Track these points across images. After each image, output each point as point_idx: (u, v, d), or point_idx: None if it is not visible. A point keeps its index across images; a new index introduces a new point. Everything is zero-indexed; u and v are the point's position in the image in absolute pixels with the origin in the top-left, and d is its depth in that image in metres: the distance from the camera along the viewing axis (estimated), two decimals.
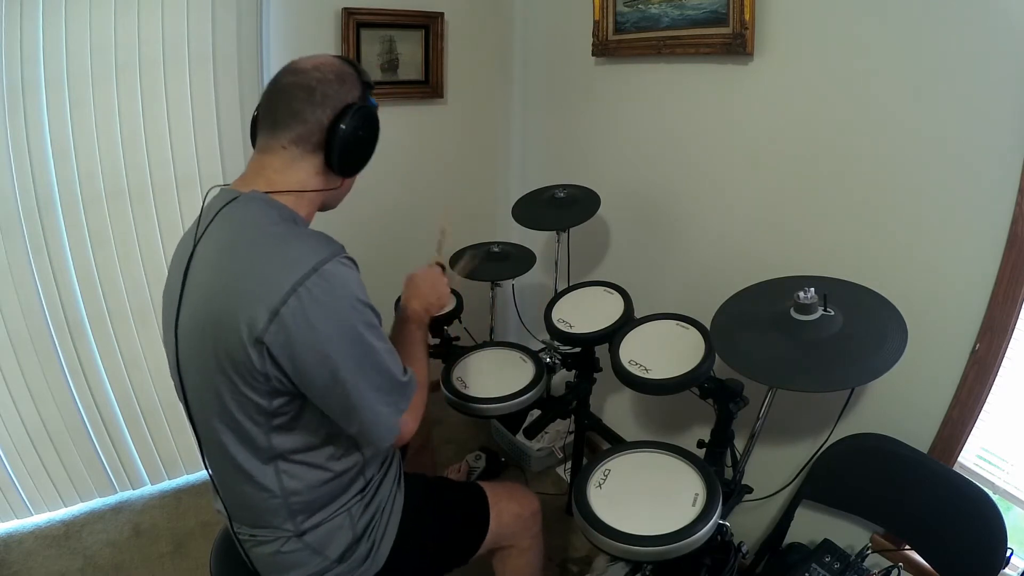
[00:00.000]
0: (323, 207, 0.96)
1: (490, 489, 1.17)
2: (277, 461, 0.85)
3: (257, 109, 0.88)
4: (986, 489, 1.08)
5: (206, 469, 0.93)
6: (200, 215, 0.86)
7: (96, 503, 1.93)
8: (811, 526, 1.37)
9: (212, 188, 0.89)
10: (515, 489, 1.23)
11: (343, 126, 0.83)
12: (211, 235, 0.83)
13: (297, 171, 0.86)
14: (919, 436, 1.20)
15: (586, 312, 1.48)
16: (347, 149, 0.85)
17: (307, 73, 0.84)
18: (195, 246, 0.83)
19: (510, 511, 1.16)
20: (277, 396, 0.80)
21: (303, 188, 0.86)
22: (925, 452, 1.19)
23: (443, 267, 1.19)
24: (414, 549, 1.03)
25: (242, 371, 0.77)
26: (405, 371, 0.89)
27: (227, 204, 0.83)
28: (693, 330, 1.30)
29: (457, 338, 1.84)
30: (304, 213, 0.88)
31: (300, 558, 0.91)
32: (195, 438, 0.90)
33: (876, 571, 1.19)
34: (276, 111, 0.85)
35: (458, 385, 1.39)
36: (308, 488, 0.88)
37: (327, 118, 0.84)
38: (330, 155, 0.85)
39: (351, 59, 0.92)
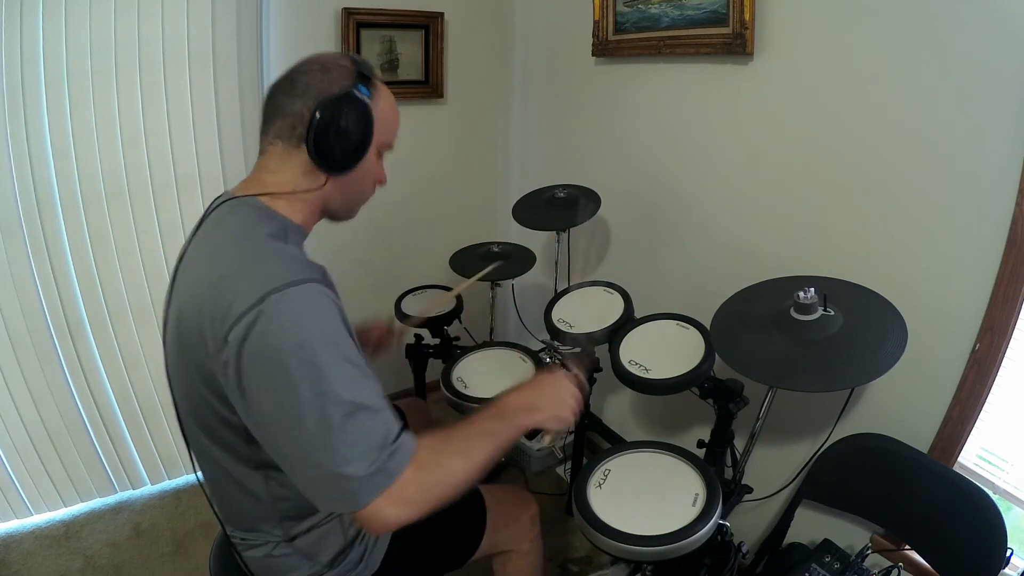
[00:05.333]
0: (331, 215, 0.91)
1: (488, 493, 1.15)
2: (265, 468, 0.83)
3: None
4: (986, 489, 1.08)
5: (195, 473, 0.91)
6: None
7: (96, 503, 1.93)
8: (811, 526, 1.37)
9: (222, 194, 0.87)
10: (513, 492, 1.22)
11: (319, 115, 0.78)
12: (197, 241, 0.82)
13: (287, 170, 0.83)
14: (919, 436, 1.20)
15: (586, 312, 1.48)
16: (327, 141, 0.80)
17: (294, 68, 0.82)
18: (186, 250, 0.83)
19: (508, 515, 1.15)
20: None
21: (294, 188, 0.82)
22: (925, 452, 1.19)
23: (580, 377, 0.94)
24: (408, 554, 1.02)
25: (212, 386, 0.74)
26: (396, 437, 0.71)
27: (217, 207, 0.83)
28: (693, 330, 1.30)
29: (457, 338, 1.84)
30: (300, 219, 0.85)
31: (291, 563, 0.90)
32: (185, 442, 0.88)
33: (876, 571, 1.19)
34: (265, 109, 0.84)
35: (458, 385, 1.39)
36: (297, 494, 0.83)
37: (307, 110, 0.79)
38: (310, 148, 0.80)
39: (355, 55, 0.86)
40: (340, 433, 0.67)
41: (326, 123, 0.78)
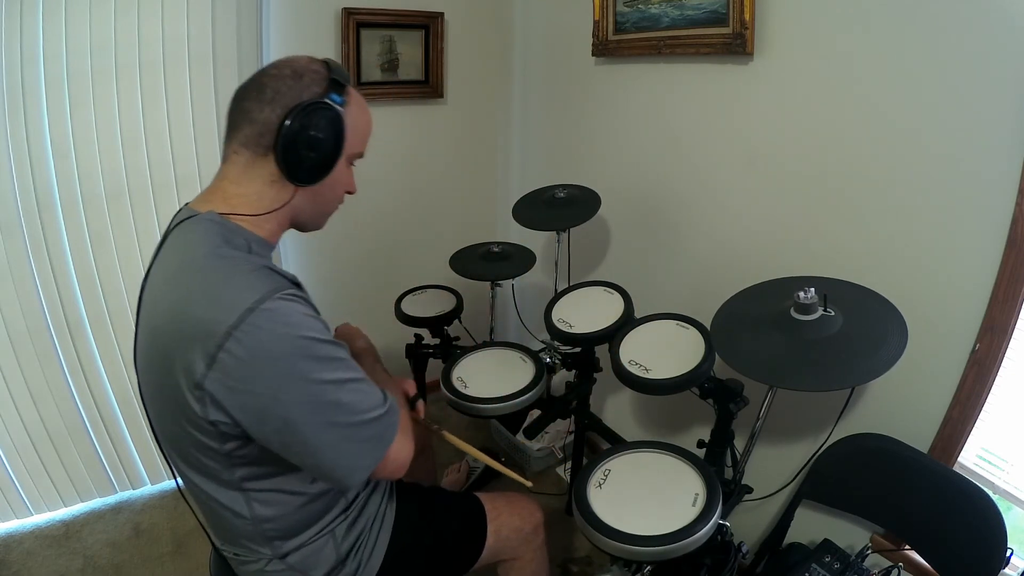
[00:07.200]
0: (299, 226, 0.89)
1: (489, 502, 1.13)
2: (246, 491, 0.81)
3: None
4: (986, 489, 1.08)
5: (180, 493, 0.90)
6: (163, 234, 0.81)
7: (96, 503, 1.93)
8: (811, 526, 1.37)
9: (182, 208, 0.83)
10: (516, 501, 1.18)
11: (288, 123, 0.75)
12: (160, 261, 0.79)
13: (252, 180, 0.80)
14: (919, 436, 1.20)
15: (586, 312, 1.48)
16: (296, 151, 0.77)
17: (264, 72, 0.79)
18: (149, 271, 0.80)
19: (510, 525, 1.12)
20: (229, 440, 0.74)
21: (259, 202, 0.80)
22: (925, 452, 1.19)
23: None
24: (404, 566, 1.00)
25: (188, 415, 0.72)
26: (385, 399, 0.80)
27: (179, 224, 0.79)
28: (693, 330, 1.30)
29: (457, 338, 1.84)
30: (265, 232, 0.82)
31: None
32: (165, 461, 0.87)
33: (876, 571, 1.19)
34: (231, 114, 0.80)
35: (458, 385, 1.39)
36: (281, 514, 0.85)
37: (277, 117, 0.76)
38: (279, 158, 0.77)
39: (329, 60, 0.83)
40: (353, 394, 0.75)
41: (296, 132, 0.76)
